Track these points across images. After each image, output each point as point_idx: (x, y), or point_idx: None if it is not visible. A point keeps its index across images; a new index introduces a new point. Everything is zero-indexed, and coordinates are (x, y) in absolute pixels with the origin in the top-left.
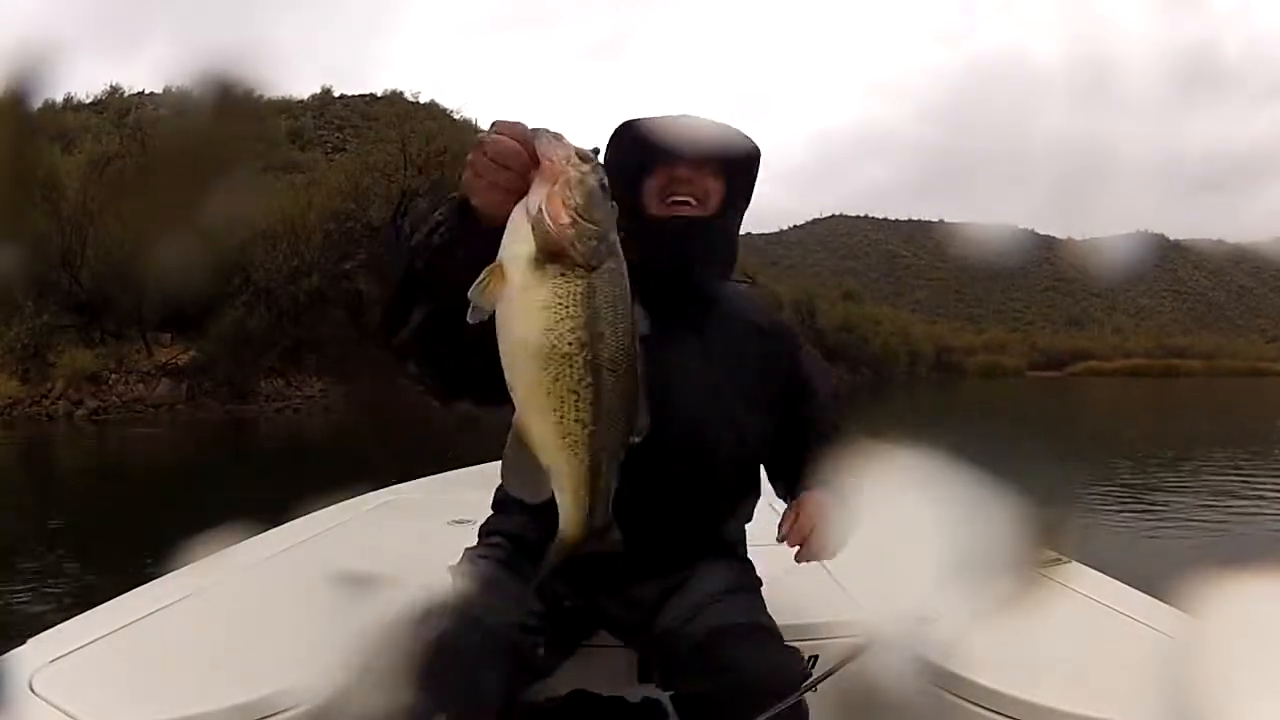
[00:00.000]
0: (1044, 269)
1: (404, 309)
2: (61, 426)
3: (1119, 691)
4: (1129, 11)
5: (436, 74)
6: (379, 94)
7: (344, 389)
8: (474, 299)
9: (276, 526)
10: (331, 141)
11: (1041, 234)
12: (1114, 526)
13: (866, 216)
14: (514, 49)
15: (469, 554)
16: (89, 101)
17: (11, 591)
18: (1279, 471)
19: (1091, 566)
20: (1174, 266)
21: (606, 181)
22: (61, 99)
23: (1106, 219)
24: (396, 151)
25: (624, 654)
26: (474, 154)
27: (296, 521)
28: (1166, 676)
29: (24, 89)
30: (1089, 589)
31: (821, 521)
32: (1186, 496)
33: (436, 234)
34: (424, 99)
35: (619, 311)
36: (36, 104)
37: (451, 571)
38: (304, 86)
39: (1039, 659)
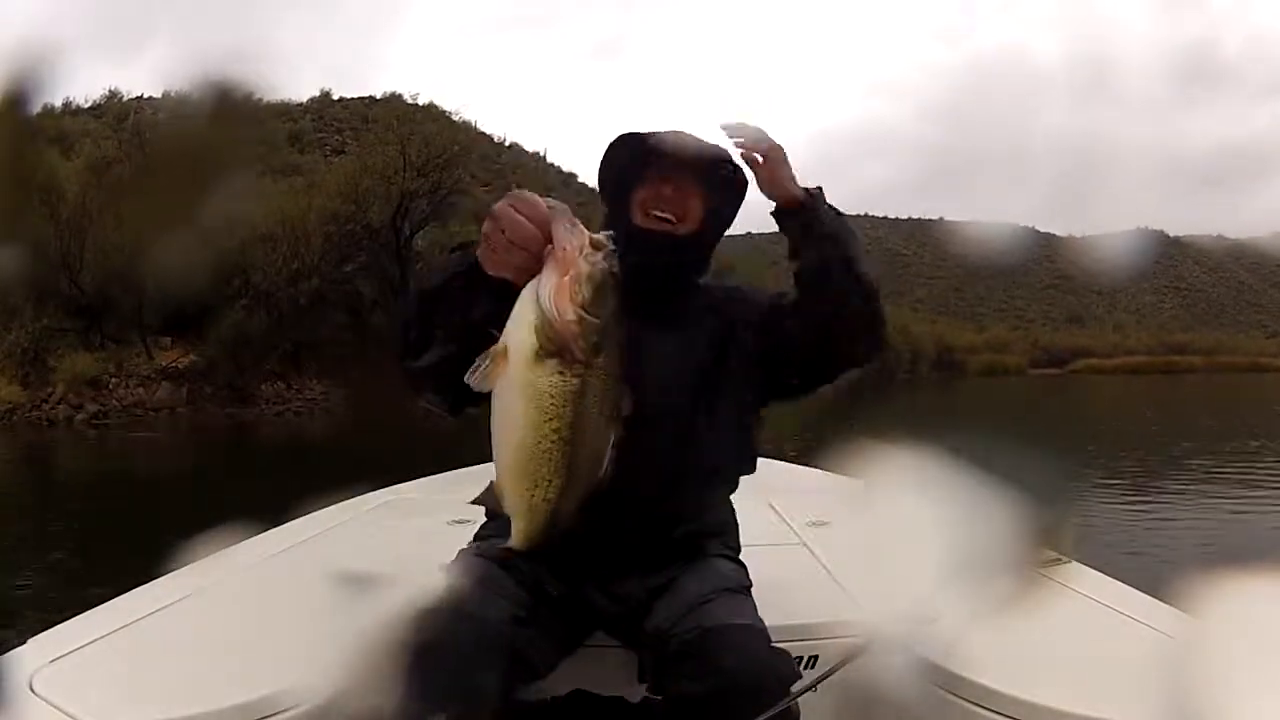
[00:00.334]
0: (1045, 267)
1: (418, 349)
2: (62, 431)
3: (1119, 691)
4: (1129, 9)
5: (436, 76)
6: (378, 96)
7: (344, 391)
8: (474, 381)
9: (276, 526)
10: (331, 144)
11: (1042, 232)
12: (1114, 526)
13: (867, 215)
14: (514, 50)
15: (462, 552)
16: (88, 106)
17: (11, 592)
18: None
19: (1091, 566)
20: (1174, 263)
21: (616, 267)
22: (60, 103)
23: (1106, 216)
24: (396, 154)
25: (624, 654)
26: (490, 227)
27: (296, 521)
28: (1166, 676)
29: (23, 92)
30: (1089, 589)
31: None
32: (1187, 497)
33: (450, 287)
34: (423, 101)
35: (606, 404)
36: (36, 108)
37: (445, 569)
38: (303, 89)
39: (1039, 659)
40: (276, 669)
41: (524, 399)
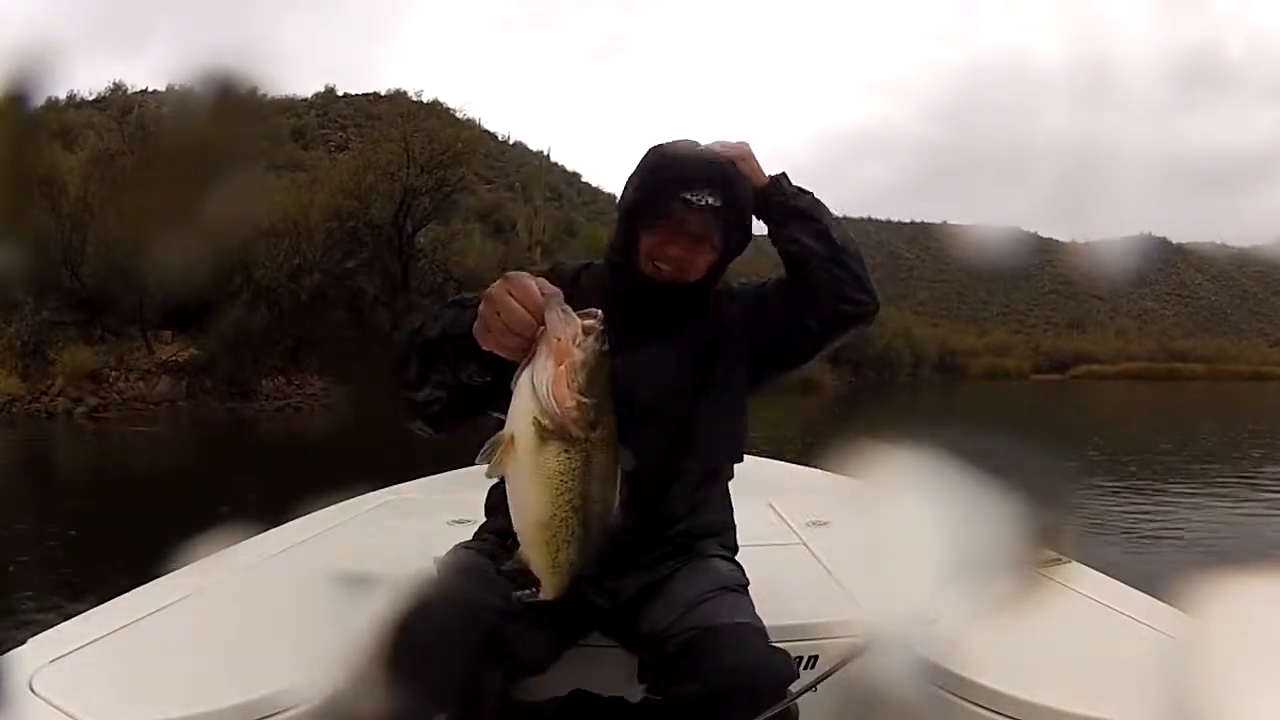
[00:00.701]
0: (1047, 271)
1: (411, 384)
2: (61, 424)
3: (1119, 691)
4: (1131, 12)
5: (440, 74)
6: (383, 93)
7: (344, 388)
8: (486, 470)
9: (276, 526)
10: (335, 140)
11: (1044, 236)
12: (1115, 526)
13: (869, 218)
14: (517, 49)
15: (455, 547)
16: (92, 98)
17: (11, 591)
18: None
19: (1091, 566)
20: (1176, 270)
21: (608, 345)
22: (64, 96)
23: (1109, 222)
24: (399, 150)
25: (624, 654)
26: (486, 310)
27: (296, 521)
28: (1166, 676)
29: (26, 86)
30: (1089, 589)
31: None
32: (1187, 497)
33: (445, 345)
34: (427, 98)
35: (609, 470)
36: (39, 101)
37: (436, 562)
38: (308, 85)
39: (1039, 659)
40: (276, 669)
41: (535, 482)
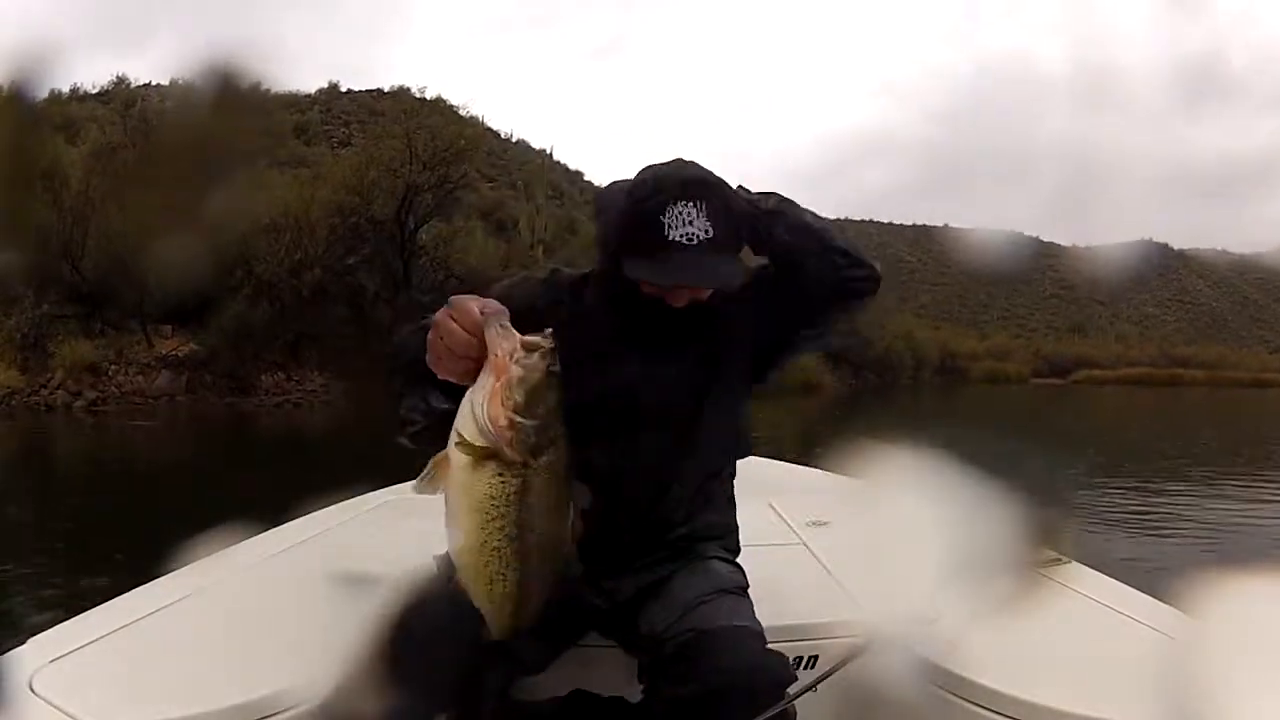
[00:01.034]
0: (1048, 276)
1: (401, 400)
2: (60, 417)
3: (1119, 691)
4: (1135, 19)
5: (443, 72)
6: (386, 89)
7: (344, 385)
8: (419, 487)
9: (276, 526)
10: (337, 136)
11: (1046, 241)
12: (1115, 526)
13: (871, 220)
14: (518, 48)
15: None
16: (95, 92)
17: (11, 591)
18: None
19: (1091, 566)
20: (1178, 276)
21: (556, 365)
22: (67, 89)
23: (1111, 227)
24: (402, 146)
25: (623, 654)
26: (432, 335)
27: (296, 521)
28: (1166, 676)
29: (28, 79)
30: (1089, 589)
31: None
32: (1188, 498)
33: (414, 371)
34: (430, 94)
35: (553, 503)
36: (41, 94)
37: (437, 561)
38: (311, 81)
39: (1039, 659)
40: (276, 669)
41: (465, 504)
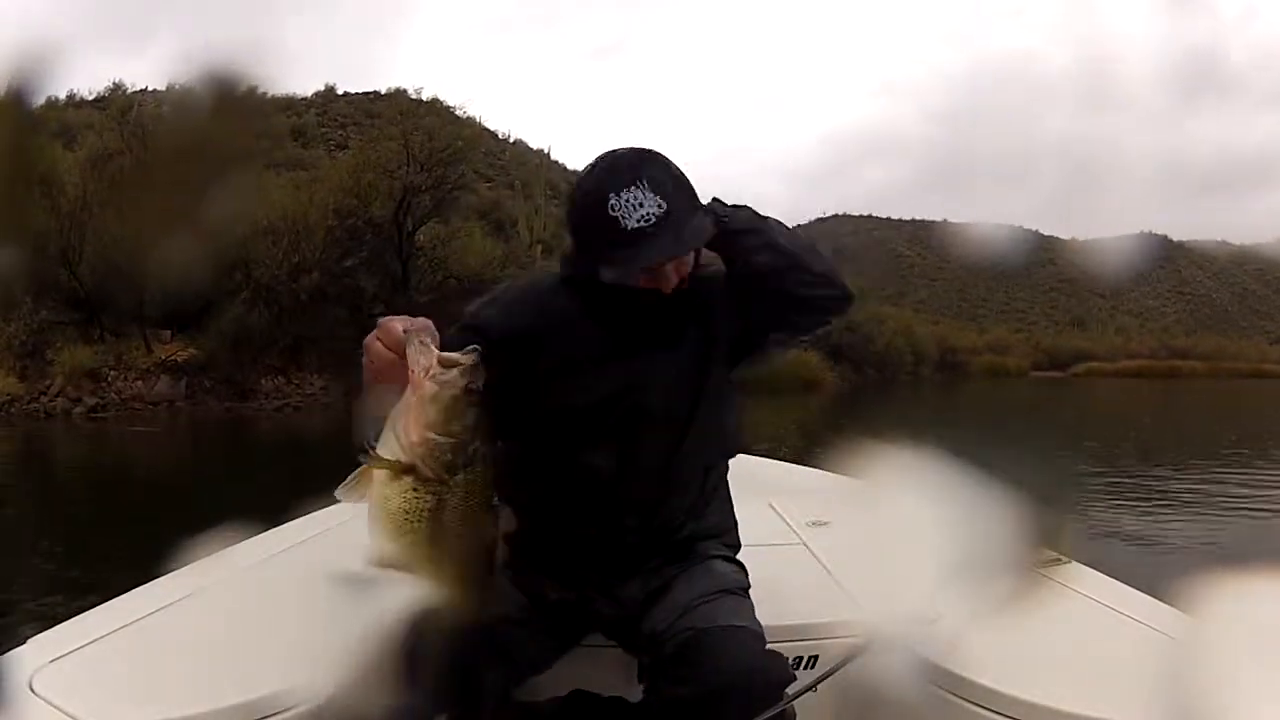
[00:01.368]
0: (1047, 269)
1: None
2: (60, 424)
3: (1119, 691)
4: (1135, 17)
5: (441, 73)
6: (382, 92)
7: (344, 387)
8: (342, 494)
9: (276, 526)
10: (335, 139)
11: (1045, 234)
12: (1115, 526)
13: (870, 216)
14: (517, 48)
15: None
16: (91, 98)
17: (11, 591)
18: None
19: (1091, 566)
20: (1177, 267)
21: (476, 382)
22: (64, 96)
23: (1110, 220)
24: (399, 148)
25: (624, 654)
26: (365, 355)
27: (296, 521)
28: (1166, 676)
29: (25, 85)
30: (1089, 589)
31: None
32: (1188, 497)
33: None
34: (427, 96)
35: (469, 520)
36: (39, 101)
37: None
38: (308, 84)
39: (1039, 659)
40: (276, 669)
41: (381, 516)
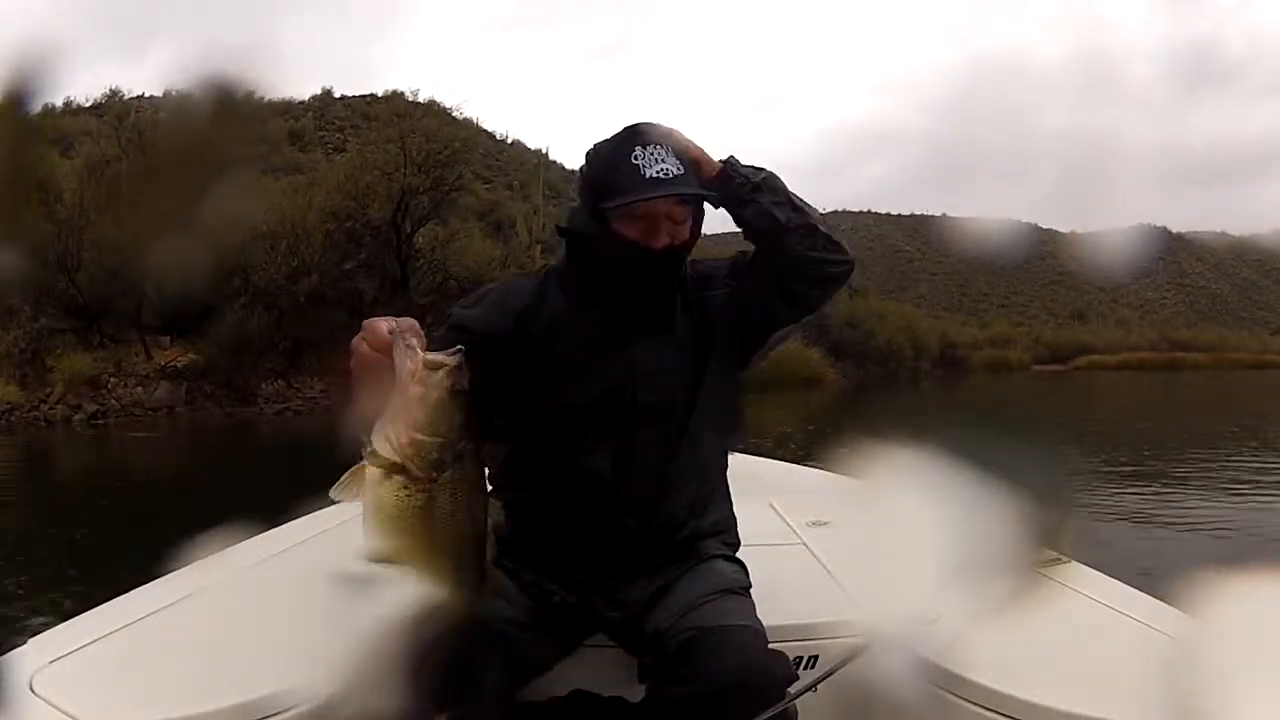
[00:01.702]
0: (1047, 263)
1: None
2: (60, 431)
3: (1119, 691)
4: (1133, 6)
5: (440, 74)
6: (379, 94)
7: (344, 388)
8: (336, 493)
9: (276, 526)
10: (332, 142)
11: (1044, 228)
12: (1115, 526)
13: (869, 211)
14: (517, 49)
15: None
16: (88, 105)
17: (11, 592)
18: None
19: (1091, 566)
20: (1177, 259)
21: (461, 383)
22: (61, 102)
23: (1109, 212)
24: (396, 150)
25: (624, 654)
26: (352, 357)
27: (296, 521)
28: (1166, 676)
29: (23, 92)
30: (1089, 589)
31: None
32: (1188, 497)
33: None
34: (423, 97)
35: (458, 518)
36: (36, 107)
37: None
38: (305, 88)
39: (1039, 659)
40: (276, 669)
41: (369, 517)
